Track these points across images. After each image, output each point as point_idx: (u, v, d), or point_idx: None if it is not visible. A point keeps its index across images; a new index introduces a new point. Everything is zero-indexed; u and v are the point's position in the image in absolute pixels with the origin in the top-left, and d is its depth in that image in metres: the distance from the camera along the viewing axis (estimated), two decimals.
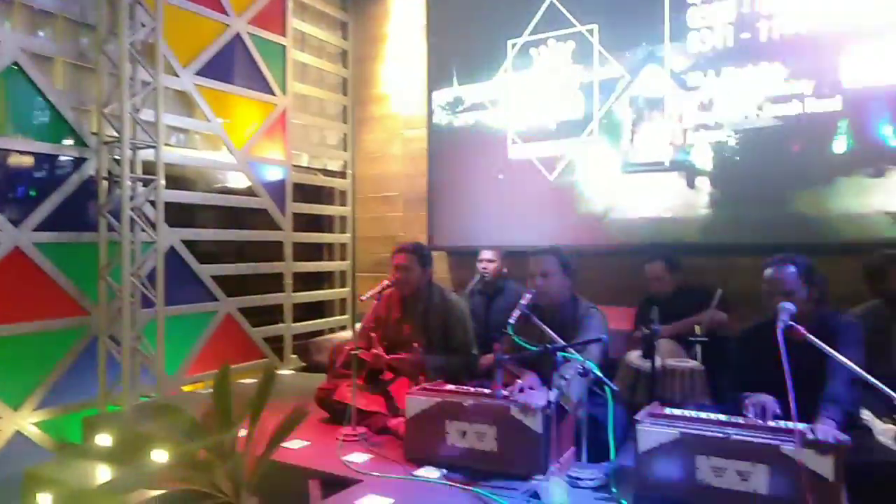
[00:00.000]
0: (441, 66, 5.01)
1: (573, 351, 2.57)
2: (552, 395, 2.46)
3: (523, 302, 2.85)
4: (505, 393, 2.61)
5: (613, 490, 2.35)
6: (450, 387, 2.87)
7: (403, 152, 5.44)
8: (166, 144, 4.14)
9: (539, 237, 4.14)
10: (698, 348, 3.26)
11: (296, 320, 5.18)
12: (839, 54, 3.60)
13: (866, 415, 2.67)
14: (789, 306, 2.31)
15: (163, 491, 2.24)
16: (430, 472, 2.56)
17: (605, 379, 2.51)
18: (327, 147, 5.71)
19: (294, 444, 2.88)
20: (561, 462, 2.57)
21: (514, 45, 4.68)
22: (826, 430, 2.07)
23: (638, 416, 2.35)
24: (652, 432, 2.27)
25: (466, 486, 2.41)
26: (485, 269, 4.25)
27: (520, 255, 3.30)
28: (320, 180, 5.59)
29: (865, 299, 3.14)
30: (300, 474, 2.59)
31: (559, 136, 4.51)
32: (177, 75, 4.24)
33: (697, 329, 3.33)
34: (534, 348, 2.65)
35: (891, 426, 2.58)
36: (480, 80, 4.82)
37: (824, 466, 2.01)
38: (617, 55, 4.27)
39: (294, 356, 5.10)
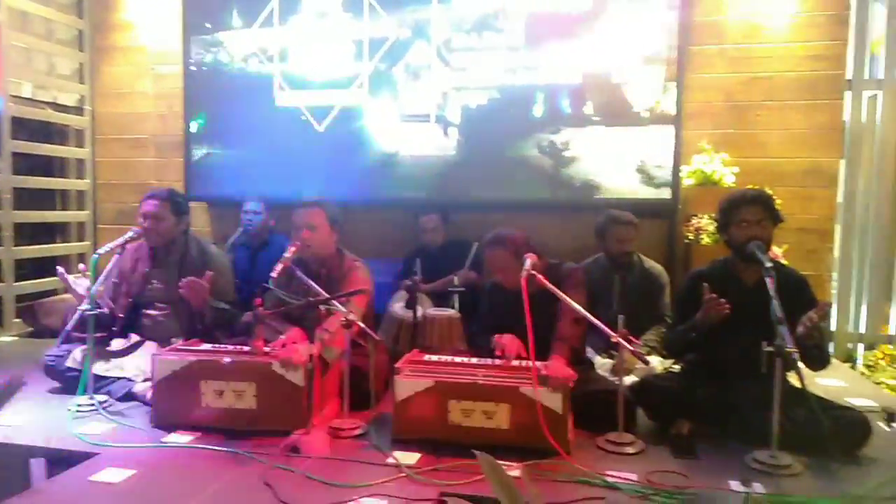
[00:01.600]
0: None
1: (337, 304, 2.55)
2: (315, 348, 2.43)
3: (287, 255, 2.75)
4: (266, 349, 2.52)
5: (373, 437, 2.41)
6: (205, 346, 2.69)
7: (155, 90, 4.87)
8: None
9: (307, 189, 4.03)
10: (456, 298, 3.47)
11: (22, 279, 4.44)
12: (575, 33, 4.00)
13: (589, 351, 3.09)
14: (529, 259, 2.55)
15: None
16: (182, 438, 2.39)
17: (369, 330, 2.54)
18: (58, 77, 4.89)
19: (13, 419, 2.48)
20: (323, 414, 2.56)
21: None
22: (556, 366, 2.34)
23: (397, 366, 2.43)
24: (408, 382, 2.37)
25: (221, 448, 2.29)
26: (250, 221, 4.04)
27: (286, 208, 3.18)
28: (49, 115, 4.78)
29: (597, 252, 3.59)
30: (19, 453, 2.24)
31: (329, 86, 4.39)
32: None
33: (456, 280, 3.54)
34: (297, 302, 2.57)
35: (608, 360, 3.02)
36: (245, 19, 4.48)
37: (554, 399, 2.27)
38: (388, 9, 4.25)
39: (17, 320, 4.38)
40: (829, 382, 3.19)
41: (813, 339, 2.27)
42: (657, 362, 3.01)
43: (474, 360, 2.59)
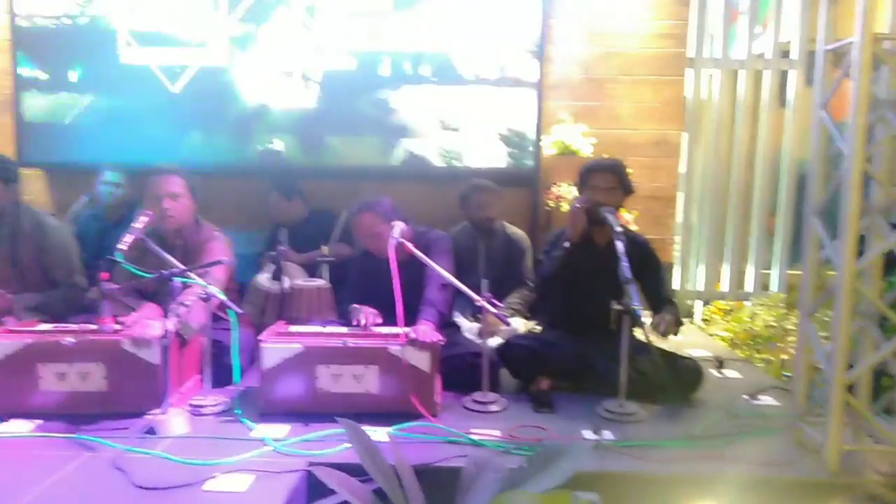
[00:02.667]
0: None
1: (194, 276, 2.42)
2: (170, 323, 2.29)
3: (138, 225, 2.56)
4: (116, 326, 2.35)
5: (238, 412, 2.33)
6: (43, 326, 2.46)
7: None
8: None
9: (162, 155, 3.75)
10: (325, 268, 3.41)
11: None
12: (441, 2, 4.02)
13: (457, 316, 3.17)
14: (399, 227, 2.55)
15: None
16: (18, 427, 2.18)
17: (229, 302, 2.44)
18: None
19: None
20: (182, 392, 2.44)
21: None
22: (424, 330, 2.38)
23: (262, 336, 2.36)
24: (275, 349, 2.31)
25: (66, 435, 2.11)
26: (109, 193, 3.67)
27: (139, 175, 2.94)
28: None
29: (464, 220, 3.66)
30: None
31: (184, 45, 4.09)
32: None
33: (325, 249, 3.47)
34: (148, 275, 2.41)
35: (475, 324, 3.11)
36: None
37: (422, 361, 2.31)
38: None
39: None
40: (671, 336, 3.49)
41: (673, 330, 2.55)
42: (520, 324, 3.15)
43: (343, 329, 2.57)
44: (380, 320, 2.59)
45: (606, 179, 2.65)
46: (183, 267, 2.41)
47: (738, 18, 4.53)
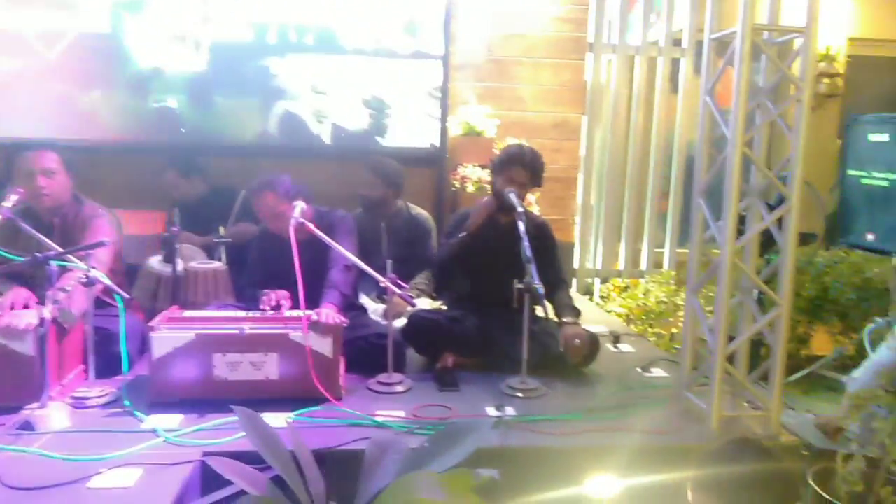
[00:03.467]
0: None
1: (73, 258, 2.24)
2: (47, 310, 2.11)
3: (7, 204, 2.33)
4: None
5: (126, 403, 2.20)
6: None
7: None
8: None
9: (34, 129, 3.45)
10: (222, 249, 3.27)
11: None
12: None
13: (363, 297, 3.13)
14: (300, 206, 2.48)
15: None
16: None
17: (115, 287, 2.28)
18: None
19: None
20: (64, 384, 2.27)
21: None
22: (327, 313, 2.32)
23: (152, 323, 2.22)
24: (166, 337, 2.18)
25: None
26: None
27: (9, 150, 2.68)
28: None
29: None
30: None
31: (58, 6, 3.75)
32: None
33: (221, 230, 3.32)
34: (19, 258, 2.21)
35: (380, 305, 3.09)
36: None
37: (324, 346, 2.26)
38: None
39: None
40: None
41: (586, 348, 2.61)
42: (426, 305, 3.15)
43: (241, 314, 2.47)
44: (290, 303, 2.50)
45: (523, 175, 2.70)
46: (60, 249, 2.23)
47: (635, 6, 4.69)
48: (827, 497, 2.07)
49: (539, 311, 2.45)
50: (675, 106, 4.65)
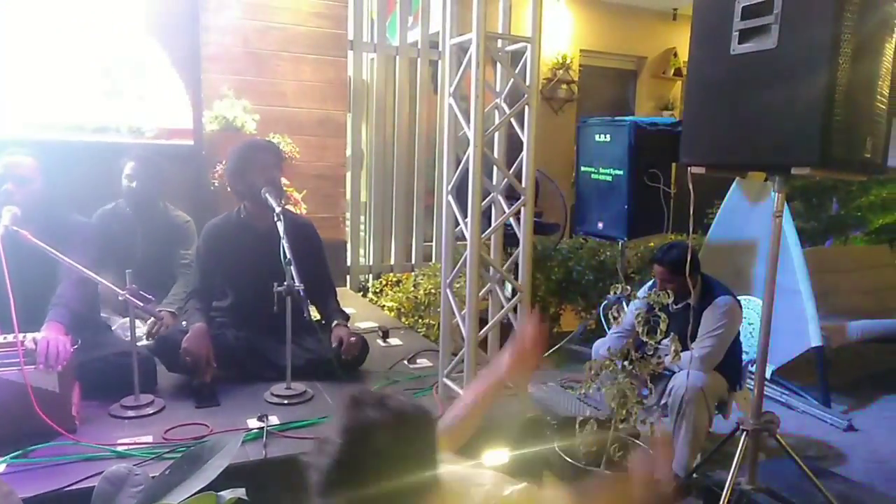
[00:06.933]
0: None
1: None
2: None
3: None
4: None
5: None
6: None
7: None
8: None
9: None
10: None
11: None
12: None
13: (107, 313, 2.79)
14: (10, 212, 2.12)
15: None
16: None
17: None
18: None
19: None
20: None
21: None
22: (51, 335, 2.01)
23: None
24: None
25: None
26: None
27: None
28: None
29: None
30: None
31: None
32: None
33: None
34: None
35: (126, 319, 2.77)
36: None
37: (49, 381, 1.95)
38: None
39: None
40: (346, 310, 3.61)
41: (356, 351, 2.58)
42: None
43: None
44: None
45: (269, 158, 2.59)
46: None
47: (394, 8, 4.81)
48: (569, 460, 2.33)
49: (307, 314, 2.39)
50: (436, 105, 4.86)
